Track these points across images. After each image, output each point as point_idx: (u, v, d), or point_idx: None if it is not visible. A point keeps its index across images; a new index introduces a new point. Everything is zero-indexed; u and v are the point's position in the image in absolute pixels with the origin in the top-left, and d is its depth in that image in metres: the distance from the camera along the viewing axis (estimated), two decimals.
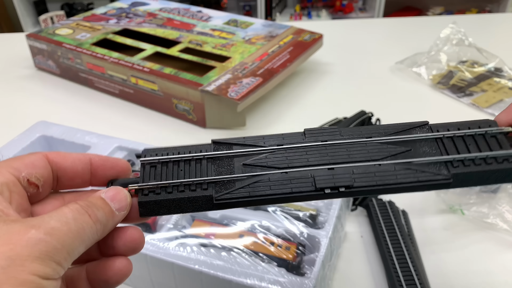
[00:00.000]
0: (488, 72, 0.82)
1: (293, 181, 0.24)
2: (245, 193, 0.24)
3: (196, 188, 0.25)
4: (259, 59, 0.75)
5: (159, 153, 0.26)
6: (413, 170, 0.24)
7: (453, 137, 0.25)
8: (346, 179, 0.24)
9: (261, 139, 0.26)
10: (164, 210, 0.25)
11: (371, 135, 0.26)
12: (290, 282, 0.37)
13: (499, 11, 2.48)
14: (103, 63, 0.75)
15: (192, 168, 0.25)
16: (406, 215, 0.52)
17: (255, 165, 0.25)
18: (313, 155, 0.25)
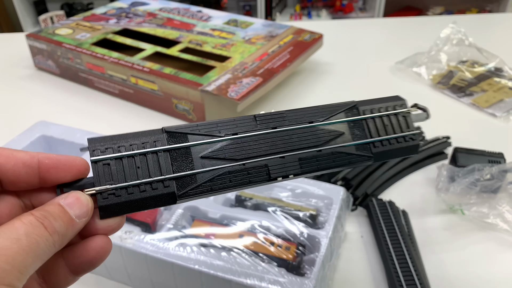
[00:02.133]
0: (488, 72, 0.82)
1: (250, 172, 0.26)
2: (207, 187, 0.25)
3: (158, 187, 0.24)
4: (259, 59, 0.75)
5: (109, 145, 0.24)
6: (345, 154, 0.29)
7: (375, 118, 0.30)
8: (295, 167, 0.27)
9: (215, 127, 0.27)
10: (126, 210, 0.24)
11: (312, 119, 0.29)
12: (290, 282, 0.37)
13: (499, 11, 2.48)
14: (103, 63, 0.75)
15: (149, 162, 0.25)
16: (406, 215, 0.52)
17: (213, 157, 0.26)
18: (265, 143, 0.27)
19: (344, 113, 0.30)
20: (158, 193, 0.24)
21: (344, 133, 0.29)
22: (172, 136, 0.26)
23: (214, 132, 0.26)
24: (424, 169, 0.60)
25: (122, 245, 0.40)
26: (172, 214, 0.44)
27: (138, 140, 0.25)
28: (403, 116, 0.31)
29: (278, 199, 0.47)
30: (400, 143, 0.30)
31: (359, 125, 0.30)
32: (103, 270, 0.45)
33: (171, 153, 0.25)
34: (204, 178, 0.25)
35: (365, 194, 0.54)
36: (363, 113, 0.30)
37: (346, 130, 0.29)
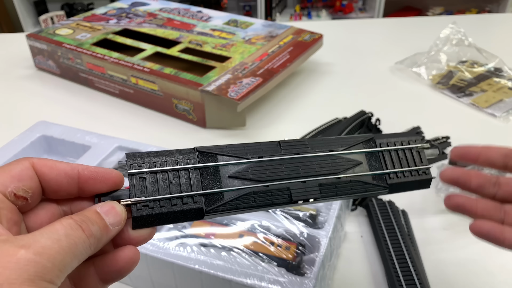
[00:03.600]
0: (488, 72, 0.82)
1: (273, 193, 0.28)
2: (233, 205, 0.27)
3: (188, 201, 0.26)
4: (259, 59, 0.75)
5: (145, 161, 0.26)
6: (362, 183, 0.30)
7: (390, 151, 0.32)
8: (315, 192, 0.29)
9: (242, 149, 0.28)
10: (157, 222, 0.26)
11: (332, 148, 0.31)
12: (290, 282, 0.37)
13: (499, 11, 2.48)
14: (103, 63, 0.75)
15: (181, 178, 0.26)
16: (406, 215, 0.52)
17: (240, 177, 0.28)
18: (288, 168, 0.29)
19: (362, 145, 0.31)
20: (187, 207, 0.26)
21: (362, 163, 0.31)
22: (203, 156, 0.27)
23: (241, 154, 0.28)
24: None
25: None
26: None
27: (172, 157, 0.27)
28: (417, 151, 0.33)
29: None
30: (414, 176, 0.32)
31: (376, 157, 0.31)
32: None
33: (201, 171, 0.27)
34: (230, 196, 0.27)
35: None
36: (380, 146, 0.32)
37: (363, 160, 0.31)
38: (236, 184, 0.27)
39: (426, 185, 0.32)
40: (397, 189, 0.31)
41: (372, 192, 0.30)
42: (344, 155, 0.31)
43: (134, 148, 0.53)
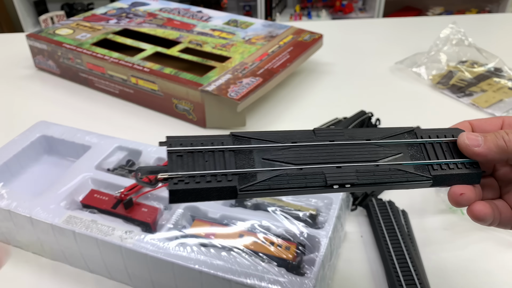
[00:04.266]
0: (488, 72, 0.82)
1: (307, 177, 0.27)
2: (266, 185, 0.27)
3: (222, 179, 0.26)
4: (259, 59, 0.75)
5: (183, 142, 0.27)
6: (403, 171, 0.28)
7: (433, 143, 0.31)
8: (352, 177, 0.28)
9: (276, 135, 0.29)
10: (192, 198, 0.26)
11: (370, 137, 0.29)
12: (290, 282, 0.37)
13: (499, 11, 2.48)
14: (103, 63, 0.75)
15: (216, 159, 0.27)
16: (406, 215, 0.52)
17: (274, 160, 0.28)
18: (323, 153, 0.28)
19: (402, 135, 0.30)
20: (221, 185, 0.26)
21: (402, 153, 0.29)
22: (238, 140, 0.28)
23: (276, 139, 0.28)
24: None
25: (123, 245, 0.41)
26: (172, 214, 0.44)
27: (208, 140, 0.28)
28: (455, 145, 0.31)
29: (278, 199, 0.47)
30: (460, 169, 0.30)
31: (418, 148, 0.30)
32: (103, 269, 0.45)
33: (235, 153, 0.28)
34: (263, 176, 0.27)
35: (364, 194, 0.54)
36: (421, 137, 0.30)
37: (404, 151, 0.30)
38: (269, 166, 0.27)
39: (476, 179, 0.30)
40: (442, 181, 0.29)
41: (414, 183, 0.29)
42: (383, 144, 0.29)
43: (134, 148, 0.53)
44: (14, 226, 0.47)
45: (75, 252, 0.45)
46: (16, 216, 0.45)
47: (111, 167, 0.51)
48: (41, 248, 0.47)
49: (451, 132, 0.31)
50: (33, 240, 0.47)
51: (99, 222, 0.43)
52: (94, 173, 0.50)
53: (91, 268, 0.46)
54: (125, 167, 0.52)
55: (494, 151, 0.29)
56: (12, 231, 0.47)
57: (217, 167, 0.27)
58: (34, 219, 0.44)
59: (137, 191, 0.46)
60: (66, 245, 0.44)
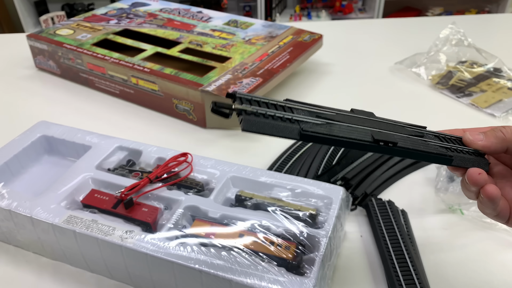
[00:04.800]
0: (487, 72, 0.83)
1: (357, 131, 0.32)
2: (324, 131, 0.30)
3: (286, 121, 0.30)
4: (259, 59, 0.75)
5: (250, 96, 0.31)
6: (432, 145, 0.34)
7: (445, 136, 0.37)
8: (393, 138, 0.32)
9: (323, 108, 0.33)
10: (261, 130, 0.30)
11: (397, 123, 0.35)
12: (290, 281, 0.37)
13: (498, 11, 2.49)
14: (103, 63, 0.75)
15: (278, 109, 0.31)
16: (406, 214, 0.52)
17: (327, 118, 0.32)
18: (364, 122, 0.33)
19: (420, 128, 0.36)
20: (287, 124, 0.30)
21: (424, 136, 0.35)
22: (290, 101, 0.33)
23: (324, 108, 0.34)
24: (423, 169, 0.60)
25: (123, 245, 0.41)
26: (172, 213, 0.44)
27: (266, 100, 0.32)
28: None
29: (278, 199, 0.47)
30: (472, 155, 0.36)
31: (435, 138, 0.36)
32: (104, 269, 0.45)
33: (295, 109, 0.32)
34: (321, 125, 0.31)
35: (364, 194, 0.54)
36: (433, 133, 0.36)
37: (425, 137, 0.35)
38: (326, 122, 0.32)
39: (485, 167, 0.35)
40: (460, 162, 0.34)
41: (439, 156, 0.33)
42: (408, 127, 0.35)
43: (134, 148, 0.54)
44: (15, 226, 0.47)
45: (75, 251, 0.45)
46: (16, 216, 0.45)
47: (111, 167, 0.52)
48: (42, 248, 0.47)
49: (453, 135, 0.37)
50: (34, 240, 0.47)
51: (100, 222, 0.43)
52: (94, 173, 0.50)
53: (91, 267, 0.46)
54: (125, 167, 0.52)
55: (495, 142, 0.35)
56: (13, 231, 0.48)
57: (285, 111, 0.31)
58: (35, 219, 0.44)
59: (137, 191, 0.46)
60: (66, 244, 0.45)
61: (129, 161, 0.53)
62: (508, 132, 0.34)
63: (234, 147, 0.66)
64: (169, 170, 0.49)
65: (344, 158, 0.59)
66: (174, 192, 0.47)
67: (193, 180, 0.49)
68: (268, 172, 0.49)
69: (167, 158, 0.51)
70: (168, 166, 0.49)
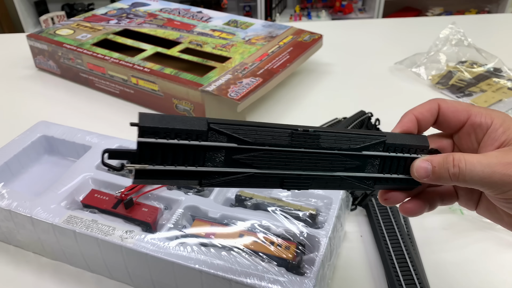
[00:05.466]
0: (487, 72, 0.83)
1: (268, 180, 0.30)
2: (226, 182, 0.29)
3: (188, 175, 0.28)
4: (259, 59, 0.75)
5: (156, 130, 0.29)
6: (350, 182, 0.32)
7: (393, 157, 0.33)
8: (306, 184, 0.31)
9: (254, 133, 0.29)
10: (156, 182, 0.28)
11: (341, 145, 0.31)
12: (290, 281, 0.37)
13: (498, 11, 2.49)
14: (103, 63, 0.75)
15: (186, 155, 0.28)
16: None
17: (243, 161, 0.29)
18: (290, 158, 0.30)
19: (372, 146, 0.33)
20: (185, 180, 0.28)
21: (361, 164, 0.32)
22: (213, 133, 0.28)
23: (252, 137, 0.29)
24: None
25: (123, 245, 0.41)
26: (172, 213, 0.44)
27: (182, 130, 0.28)
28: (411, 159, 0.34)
29: (278, 199, 0.47)
30: (402, 183, 0.34)
31: (378, 160, 0.33)
32: (104, 269, 0.45)
33: (208, 148, 0.28)
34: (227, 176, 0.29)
35: (364, 194, 0.54)
36: (387, 149, 0.33)
37: (364, 162, 0.33)
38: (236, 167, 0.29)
39: (412, 187, 0.35)
40: (381, 189, 0.34)
41: (358, 188, 0.33)
42: (348, 155, 0.32)
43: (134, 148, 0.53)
44: (15, 226, 0.47)
45: (75, 251, 0.45)
46: (16, 216, 0.45)
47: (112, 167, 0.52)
48: (42, 248, 0.47)
49: (416, 146, 0.34)
50: (34, 240, 0.47)
51: (100, 222, 0.43)
52: (94, 173, 0.50)
53: (91, 267, 0.46)
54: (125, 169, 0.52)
55: (442, 180, 0.31)
56: (13, 231, 0.48)
57: (186, 161, 0.28)
58: (35, 219, 0.44)
59: (137, 191, 0.46)
60: (66, 244, 0.45)
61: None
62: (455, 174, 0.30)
63: None
64: None
65: None
66: (174, 192, 0.47)
67: None
68: None
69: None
70: None
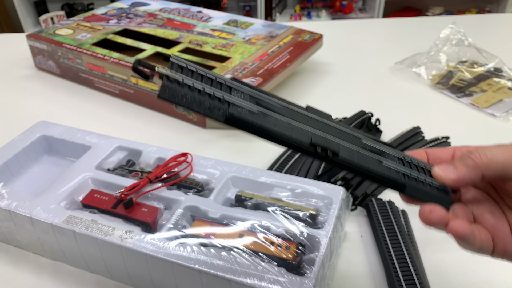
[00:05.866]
0: (488, 72, 0.82)
1: (294, 130, 0.27)
2: (254, 119, 0.26)
3: (214, 99, 0.26)
4: (259, 59, 0.75)
5: (186, 63, 0.27)
6: (383, 166, 0.29)
7: (411, 160, 0.32)
8: (335, 146, 0.27)
9: (273, 96, 0.29)
10: (179, 101, 0.26)
11: (358, 135, 0.30)
12: (290, 281, 0.37)
13: (499, 11, 2.49)
14: (103, 63, 0.75)
15: (213, 85, 0.27)
16: (406, 215, 0.52)
17: (267, 107, 0.27)
18: (312, 123, 0.28)
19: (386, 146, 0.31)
20: (213, 103, 0.26)
21: (386, 157, 0.30)
22: (238, 83, 0.28)
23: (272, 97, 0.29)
24: None
25: (123, 245, 0.41)
26: (172, 213, 0.44)
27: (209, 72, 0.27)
28: (428, 170, 0.33)
29: (278, 199, 0.47)
30: (433, 190, 0.31)
31: (399, 160, 0.31)
32: (103, 269, 0.45)
33: (232, 90, 0.27)
34: (253, 112, 0.26)
35: (364, 194, 0.54)
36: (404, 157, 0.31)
37: (384, 155, 0.30)
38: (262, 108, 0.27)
39: (446, 205, 0.31)
40: (413, 192, 0.30)
41: (389, 180, 0.29)
42: (371, 141, 0.30)
43: (134, 148, 0.53)
44: (14, 226, 0.47)
45: (75, 252, 0.45)
46: (16, 216, 0.45)
47: (111, 167, 0.52)
48: (41, 248, 0.47)
49: (424, 163, 0.33)
50: (33, 240, 0.47)
51: (99, 222, 0.43)
52: (94, 173, 0.50)
53: (91, 268, 0.46)
54: (125, 167, 0.52)
55: (468, 171, 0.30)
56: (12, 231, 0.48)
57: (214, 87, 0.26)
58: (34, 219, 0.44)
59: (137, 191, 0.46)
60: (66, 245, 0.45)
61: (129, 161, 0.53)
62: (477, 157, 0.30)
63: (234, 147, 0.66)
64: (169, 170, 0.49)
65: None
66: (174, 192, 0.47)
67: (193, 180, 0.49)
68: (268, 172, 0.49)
69: (167, 158, 0.51)
70: (168, 166, 0.49)
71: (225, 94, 0.26)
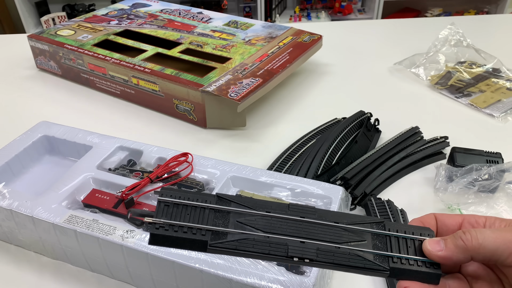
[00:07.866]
0: (486, 72, 0.83)
1: (271, 245, 0.30)
2: (233, 246, 0.30)
3: (197, 233, 0.30)
4: (259, 60, 0.75)
5: (173, 195, 0.31)
6: (362, 258, 0.30)
7: (399, 238, 0.32)
8: (312, 253, 0.30)
9: (255, 204, 0.32)
10: (168, 244, 0.30)
11: (338, 221, 0.31)
12: (290, 280, 0.37)
13: (497, 12, 2.49)
14: (104, 63, 0.76)
15: (196, 214, 0.30)
16: (405, 214, 0.52)
17: (246, 224, 0.31)
18: (291, 227, 0.31)
19: (370, 225, 0.32)
20: (195, 237, 0.29)
21: (366, 241, 0.31)
22: (220, 200, 0.31)
23: (253, 206, 0.31)
24: (423, 168, 0.61)
25: (124, 244, 0.41)
26: None
27: (196, 197, 0.31)
28: (419, 242, 0.32)
29: (278, 199, 0.47)
30: (420, 267, 0.30)
31: (382, 239, 0.31)
32: (104, 269, 0.45)
33: (215, 212, 0.31)
34: (233, 237, 0.30)
35: (363, 194, 0.54)
36: (388, 230, 0.32)
37: (368, 240, 0.31)
38: (241, 228, 0.30)
39: (434, 280, 0.30)
40: (399, 274, 0.30)
41: (371, 271, 0.30)
42: (349, 229, 0.31)
43: (135, 148, 0.54)
44: (16, 226, 0.47)
45: (76, 251, 0.45)
46: (18, 215, 0.45)
47: (112, 167, 0.52)
48: (43, 247, 0.48)
49: (420, 231, 0.32)
50: (35, 240, 0.47)
51: (101, 222, 0.43)
52: (95, 173, 0.50)
53: (92, 267, 0.46)
54: (126, 167, 0.52)
55: (456, 251, 0.29)
56: (14, 231, 0.48)
57: (196, 221, 0.30)
58: (36, 218, 0.44)
59: (138, 190, 0.47)
60: (67, 244, 0.45)
61: (129, 161, 0.53)
62: (468, 240, 0.29)
63: (234, 147, 0.66)
64: (169, 170, 0.49)
65: (343, 158, 0.59)
66: None
67: (193, 180, 0.49)
68: (268, 172, 0.50)
69: (168, 158, 0.51)
70: (169, 166, 0.50)
71: (208, 227, 0.30)
